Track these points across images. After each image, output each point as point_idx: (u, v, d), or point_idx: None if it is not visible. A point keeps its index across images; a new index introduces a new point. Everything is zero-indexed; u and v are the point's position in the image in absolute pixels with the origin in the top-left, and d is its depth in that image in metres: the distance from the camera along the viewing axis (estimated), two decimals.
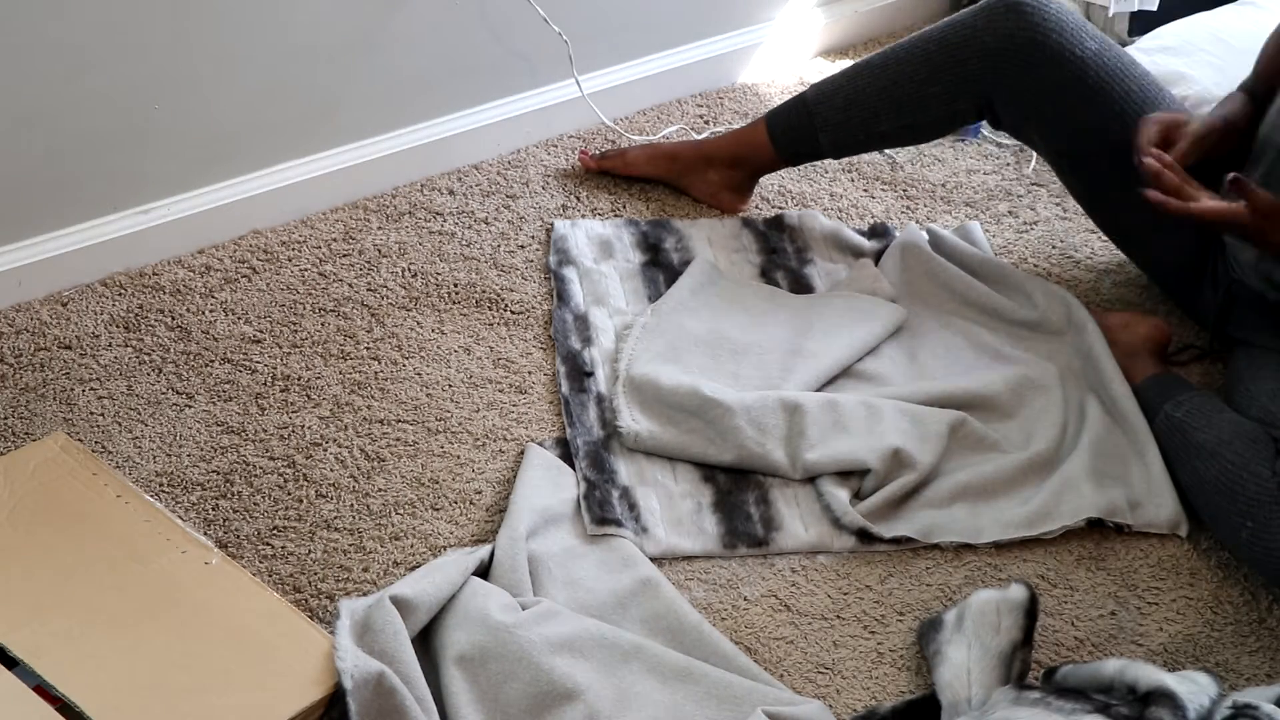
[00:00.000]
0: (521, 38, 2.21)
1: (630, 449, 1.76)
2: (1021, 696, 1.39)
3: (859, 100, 2.02)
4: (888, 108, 2.01)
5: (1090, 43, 1.90)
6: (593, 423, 1.79)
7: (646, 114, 2.40)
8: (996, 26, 1.92)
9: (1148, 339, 1.91)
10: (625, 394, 1.81)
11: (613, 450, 1.76)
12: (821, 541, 1.68)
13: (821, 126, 2.05)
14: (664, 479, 1.73)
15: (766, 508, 1.71)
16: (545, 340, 1.93)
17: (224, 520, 1.65)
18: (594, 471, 1.72)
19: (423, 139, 2.19)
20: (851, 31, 2.63)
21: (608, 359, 1.88)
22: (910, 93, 1.99)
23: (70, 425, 1.74)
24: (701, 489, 1.73)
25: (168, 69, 1.91)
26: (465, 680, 1.45)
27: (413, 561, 1.61)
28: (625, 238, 2.11)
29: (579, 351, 1.90)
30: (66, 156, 1.88)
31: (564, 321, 1.94)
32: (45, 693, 1.38)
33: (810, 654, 1.56)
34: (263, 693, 1.41)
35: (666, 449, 1.75)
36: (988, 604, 1.53)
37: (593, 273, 2.03)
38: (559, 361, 1.88)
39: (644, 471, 1.74)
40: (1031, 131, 2.00)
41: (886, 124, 2.03)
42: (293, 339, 1.90)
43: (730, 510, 1.70)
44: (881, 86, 2.01)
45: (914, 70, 1.98)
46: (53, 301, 1.92)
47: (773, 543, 1.67)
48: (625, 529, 1.65)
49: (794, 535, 1.68)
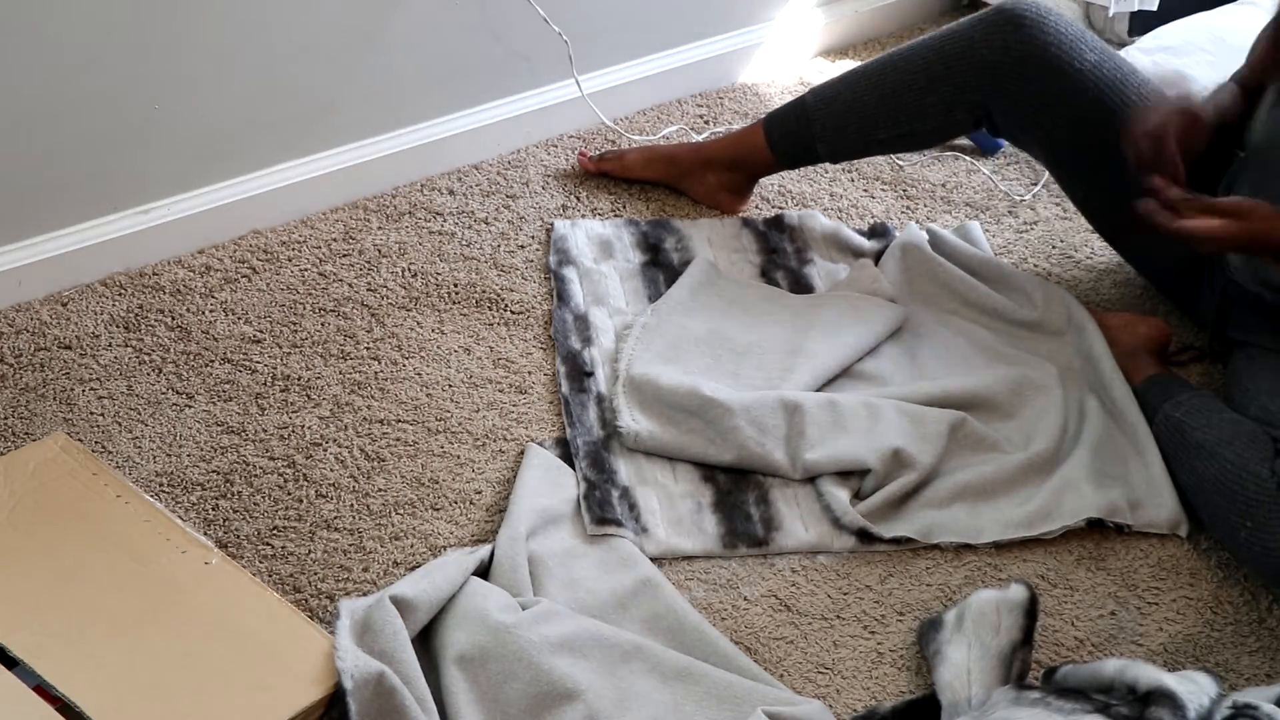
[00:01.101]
0: (521, 38, 2.21)
1: (630, 449, 1.76)
2: (1021, 696, 1.39)
3: (856, 109, 2.02)
4: (885, 117, 2.01)
5: (1089, 54, 1.89)
6: (593, 423, 1.79)
7: (646, 114, 2.40)
8: (994, 39, 1.91)
9: (1148, 339, 1.91)
10: (625, 394, 1.81)
11: (613, 450, 1.76)
12: (821, 541, 1.68)
13: (819, 135, 2.05)
14: (664, 479, 1.73)
15: (766, 508, 1.71)
16: (545, 340, 1.93)
17: (224, 520, 1.65)
18: (594, 471, 1.72)
19: (423, 139, 2.19)
20: (851, 31, 2.63)
21: (608, 359, 1.88)
22: (909, 102, 1.99)
23: (70, 425, 1.74)
24: (701, 489, 1.73)
25: (168, 69, 1.91)
26: (465, 680, 1.45)
27: (413, 561, 1.61)
28: (625, 237, 2.11)
29: (579, 351, 1.90)
30: (66, 156, 1.88)
31: (564, 321, 1.94)
32: (45, 693, 1.38)
33: (810, 654, 1.56)
34: (263, 693, 1.41)
35: (666, 449, 1.75)
36: (988, 604, 1.53)
37: (593, 273, 2.03)
38: (559, 361, 1.88)
39: (644, 471, 1.74)
40: (1030, 140, 2.00)
41: (884, 132, 2.03)
42: (293, 339, 1.90)
43: (730, 510, 1.70)
44: (880, 96, 2.00)
45: (912, 80, 1.98)
46: (53, 301, 1.92)
47: (773, 543, 1.67)
48: (625, 529, 1.65)
49: (794, 535, 1.68)
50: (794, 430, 1.75)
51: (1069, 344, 1.94)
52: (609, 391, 1.83)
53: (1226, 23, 2.41)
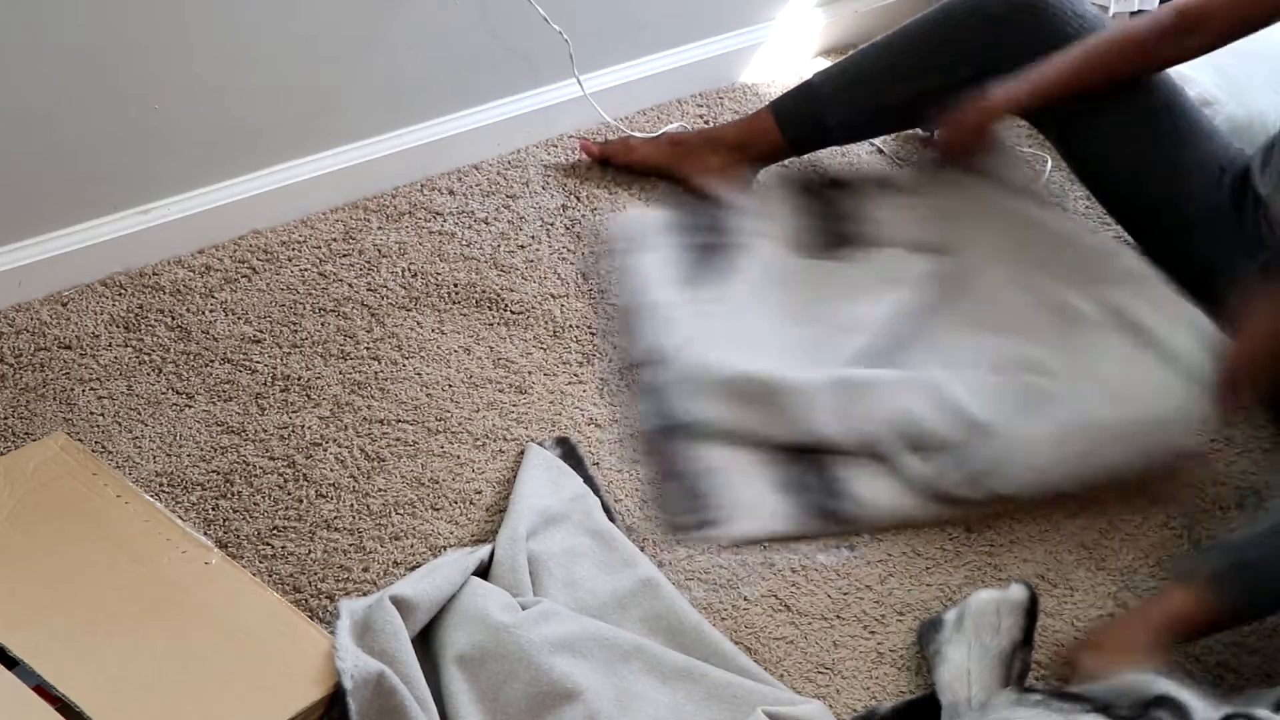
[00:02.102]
0: (522, 37, 2.21)
1: (698, 437, 1.76)
2: (1023, 699, 1.39)
3: (864, 78, 2.06)
4: (892, 80, 2.04)
5: (1087, 11, 1.96)
6: (659, 411, 1.81)
7: (647, 114, 2.40)
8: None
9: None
10: (688, 380, 1.81)
11: (680, 438, 1.77)
12: (900, 512, 1.69)
13: (828, 109, 2.07)
14: (735, 464, 1.75)
15: (840, 484, 1.72)
16: (545, 340, 1.93)
17: (224, 520, 1.65)
18: (663, 465, 1.74)
19: (423, 139, 2.19)
20: (852, 31, 2.63)
21: (670, 345, 1.89)
22: (914, 64, 2.03)
23: (70, 425, 1.74)
24: (772, 471, 1.74)
25: (168, 69, 1.91)
26: (465, 680, 1.45)
27: (413, 561, 1.61)
28: (680, 221, 2.10)
29: (642, 339, 1.91)
30: (66, 156, 1.88)
31: (626, 309, 1.96)
32: (45, 693, 1.38)
33: (810, 654, 1.56)
34: (263, 693, 1.41)
35: (732, 433, 1.76)
36: (987, 604, 1.53)
37: (650, 259, 2.03)
38: (622, 351, 1.90)
39: (714, 458, 1.75)
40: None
41: (892, 97, 2.05)
42: (293, 339, 1.90)
43: (803, 490, 1.72)
44: (887, 63, 2.05)
45: (919, 43, 2.03)
46: (53, 301, 1.92)
47: (851, 518, 1.69)
48: (700, 530, 1.67)
49: (871, 508, 1.69)
50: (857, 404, 1.76)
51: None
52: (671, 378, 1.83)
53: None
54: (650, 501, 1.70)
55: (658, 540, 1.67)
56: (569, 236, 2.11)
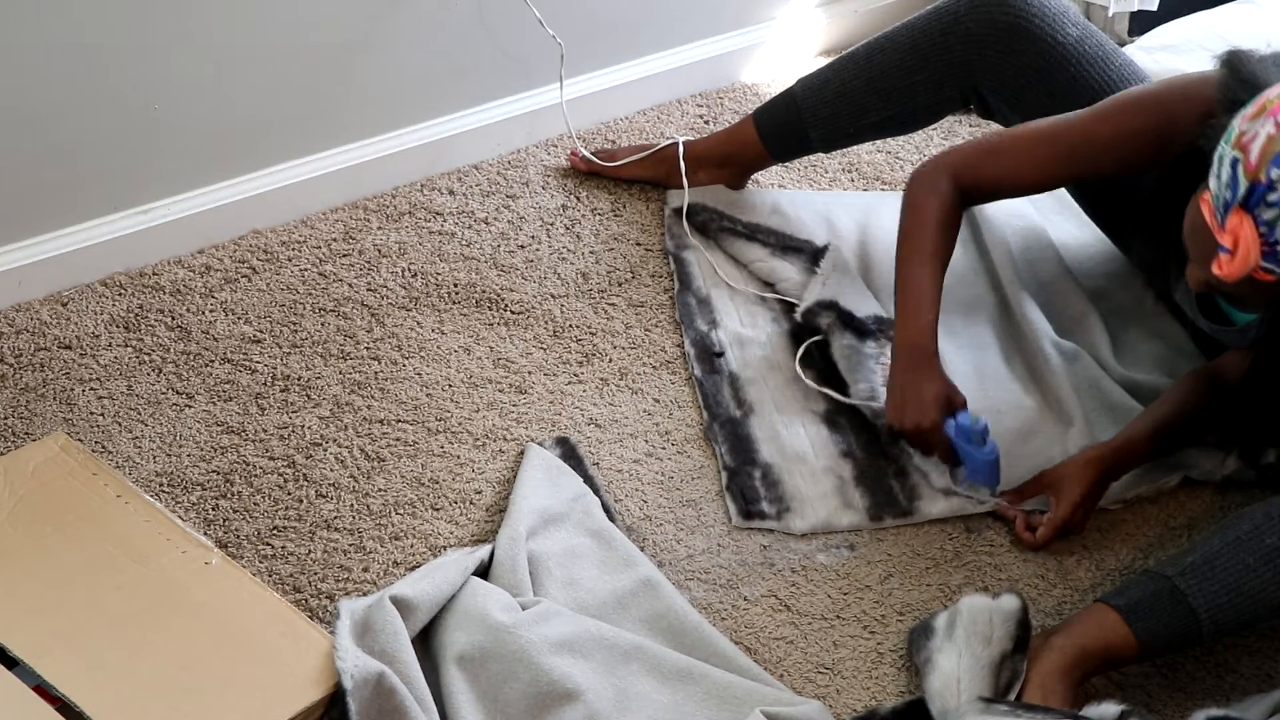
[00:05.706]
0: (522, 37, 2.21)
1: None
2: (991, 708, 1.39)
3: (846, 94, 2.03)
4: (876, 99, 2.02)
5: (1072, 29, 1.92)
6: (729, 402, 1.83)
7: (646, 114, 2.40)
8: (979, 12, 1.93)
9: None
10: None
11: (750, 428, 1.80)
12: (963, 506, 1.72)
13: (810, 122, 2.05)
14: (804, 455, 1.77)
15: (906, 478, 1.75)
16: (545, 340, 1.93)
17: (224, 520, 1.65)
18: (734, 457, 1.76)
19: (423, 139, 2.19)
20: (852, 31, 2.63)
21: (735, 340, 1.92)
22: (897, 83, 2.00)
23: (70, 425, 1.74)
24: (841, 464, 1.77)
25: (168, 69, 1.91)
26: (465, 680, 1.45)
27: (413, 561, 1.61)
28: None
29: (706, 333, 1.93)
30: (67, 156, 1.88)
31: (688, 305, 1.98)
32: (45, 693, 1.38)
33: (810, 654, 1.56)
34: (263, 693, 1.41)
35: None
36: (980, 613, 1.50)
37: (708, 256, 2.07)
38: (688, 345, 1.92)
39: (785, 448, 1.77)
40: (1018, 119, 2.00)
41: (875, 115, 2.04)
42: (293, 339, 1.90)
43: (873, 483, 1.74)
44: (869, 79, 2.02)
45: (900, 60, 1.99)
46: (53, 301, 1.92)
47: (917, 511, 1.72)
48: (770, 520, 1.69)
49: (936, 502, 1.72)
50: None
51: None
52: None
53: (1227, 22, 2.42)
54: (726, 490, 1.72)
55: (658, 540, 1.67)
56: (569, 236, 2.11)
